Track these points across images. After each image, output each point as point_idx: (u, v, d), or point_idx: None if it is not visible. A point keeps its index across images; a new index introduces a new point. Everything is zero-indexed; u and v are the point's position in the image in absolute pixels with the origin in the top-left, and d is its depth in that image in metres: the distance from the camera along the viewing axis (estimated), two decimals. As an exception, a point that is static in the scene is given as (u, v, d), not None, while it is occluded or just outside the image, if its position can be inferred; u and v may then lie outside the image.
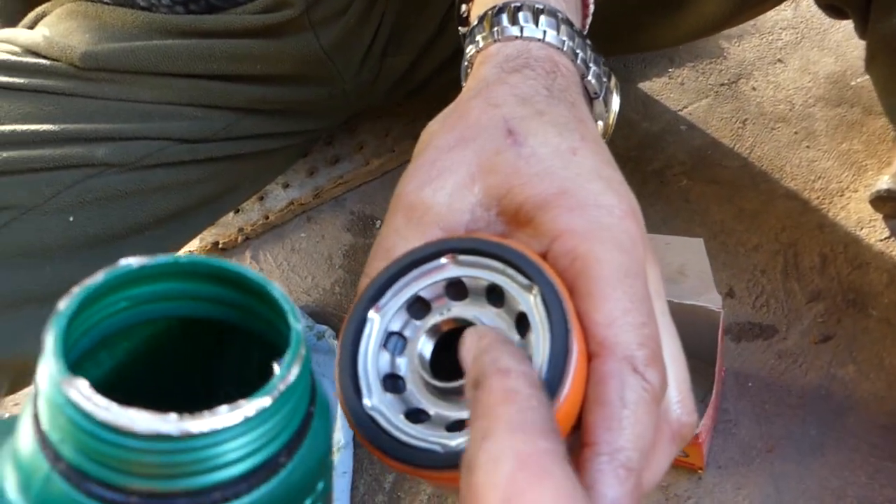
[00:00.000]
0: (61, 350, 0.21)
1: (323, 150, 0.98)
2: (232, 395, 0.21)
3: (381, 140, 0.97)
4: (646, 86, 0.93)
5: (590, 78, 0.40)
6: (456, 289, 0.32)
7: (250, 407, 0.21)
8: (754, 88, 0.89)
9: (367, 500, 0.76)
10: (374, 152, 0.97)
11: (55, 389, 0.20)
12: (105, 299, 0.24)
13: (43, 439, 0.21)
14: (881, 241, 0.76)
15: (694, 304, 0.63)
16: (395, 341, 0.32)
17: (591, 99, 0.41)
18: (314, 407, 0.24)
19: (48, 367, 0.20)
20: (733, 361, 0.74)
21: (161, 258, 0.24)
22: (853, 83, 0.86)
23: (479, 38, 0.39)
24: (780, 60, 0.90)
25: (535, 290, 0.29)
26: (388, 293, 0.31)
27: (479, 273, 0.31)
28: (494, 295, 0.31)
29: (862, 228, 0.77)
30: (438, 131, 0.36)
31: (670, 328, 0.33)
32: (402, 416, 0.29)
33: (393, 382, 0.31)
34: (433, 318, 0.31)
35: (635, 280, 0.30)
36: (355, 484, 0.78)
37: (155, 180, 0.66)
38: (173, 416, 0.20)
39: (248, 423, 0.21)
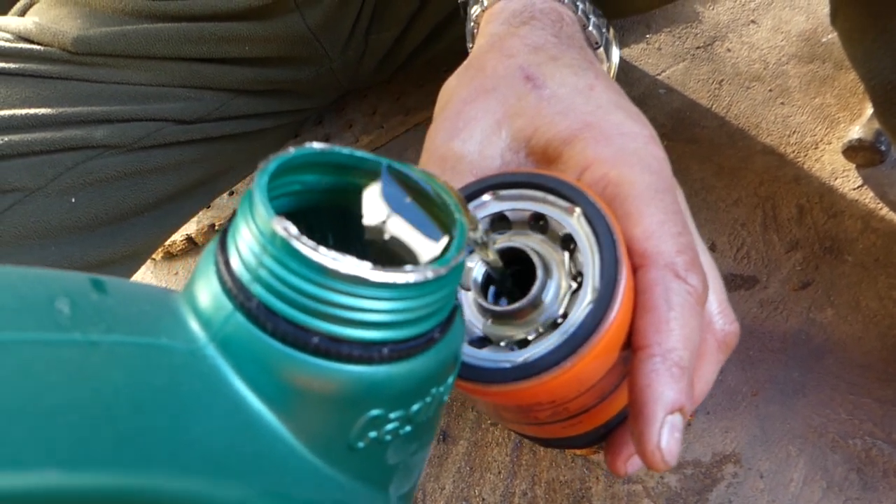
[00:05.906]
0: (267, 195, 0.21)
1: (313, 130, 1.01)
2: None
3: (369, 118, 1.00)
4: (624, 52, 0.95)
5: (591, 28, 0.41)
6: (501, 223, 0.33)
7: (431, 271, 0.22)
8: (729, 50, 0.91)
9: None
10: (363, 129, 0.99)
11: (264, 228, 0.21)
12: (290, 175, 0.24)
13: (233, 280, 0.22)
14: (854, 189, 0.78)
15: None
16: None
17: (593, 49, 0.43)
18: (458, 302, 0.26)
19: (256, 209, 0.21)
20: (717, 312, 0.76)
21: (337, 148, 0.24)
22: (824, 39, 0.88)
23: None
24: (753, 21, 0.92)
25: (577, 211, 0.31)
26: None
27: (521, 205, 0.32)
28: (538, 223, 0.32)
29: (836, 179, 0.79)
30: (457, 86, 0.37)
31: (701, 244, 0.34)
32: (466, 345, 0.31)
33: None
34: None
35: (666, 195, 0.32)
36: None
37: (153, 161, 0.67)
38: (369, 263, 0.21)
39: (426, 286, 0.22)
